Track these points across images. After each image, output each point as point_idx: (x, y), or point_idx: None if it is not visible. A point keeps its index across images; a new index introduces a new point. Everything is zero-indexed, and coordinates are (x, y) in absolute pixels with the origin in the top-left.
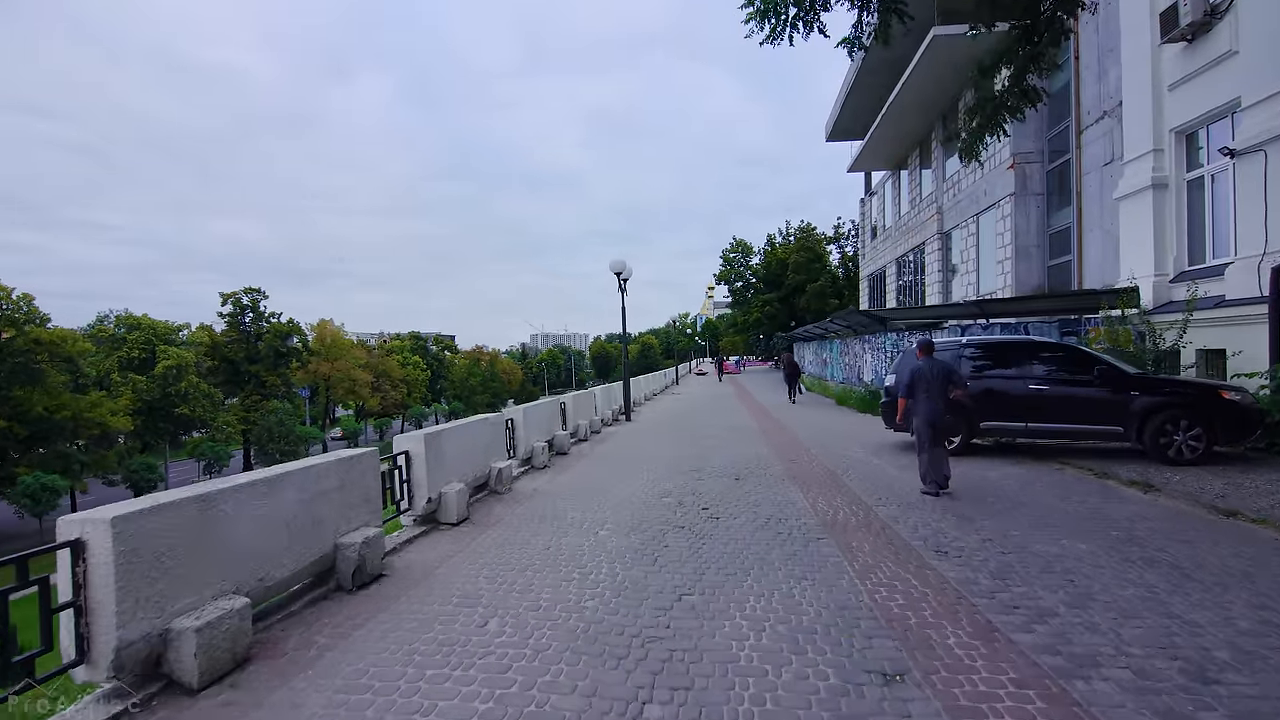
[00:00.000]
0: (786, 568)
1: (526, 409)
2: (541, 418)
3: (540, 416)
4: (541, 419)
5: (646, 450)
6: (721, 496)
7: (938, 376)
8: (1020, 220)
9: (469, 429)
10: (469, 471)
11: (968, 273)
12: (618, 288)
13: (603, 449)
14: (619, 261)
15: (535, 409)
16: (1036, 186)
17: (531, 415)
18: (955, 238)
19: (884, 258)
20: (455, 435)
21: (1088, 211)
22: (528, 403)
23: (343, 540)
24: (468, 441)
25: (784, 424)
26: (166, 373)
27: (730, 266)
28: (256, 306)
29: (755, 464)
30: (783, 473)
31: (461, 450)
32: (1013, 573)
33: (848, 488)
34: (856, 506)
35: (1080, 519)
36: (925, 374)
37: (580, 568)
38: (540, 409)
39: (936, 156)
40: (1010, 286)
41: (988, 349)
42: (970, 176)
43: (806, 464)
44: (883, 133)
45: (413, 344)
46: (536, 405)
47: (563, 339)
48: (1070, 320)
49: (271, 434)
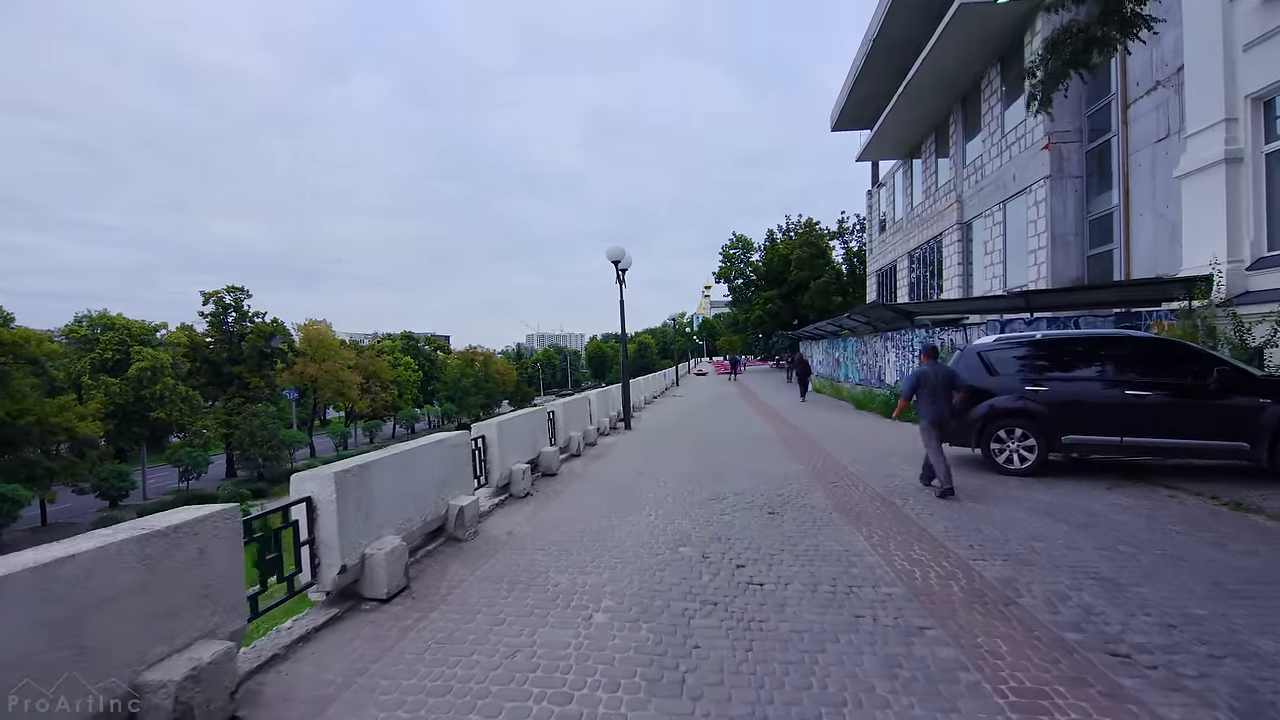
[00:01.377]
0: (897, 697)
1: (503, 423)
2: (523, 433)
3: (521, 432)
4: (523, 435)
5: (652, 468)
6: (758, 544)
7: (941, 380)
8: (1056, 206)
9: (414, 457)
10: (415, 515)
11: (993, 265)
12: (615, 279)
13: (599, 467)
14: (617, 249)
15: (514, 423)
16: (1074, 169)
17: (510, 431)
18: (978, 228)
19: (894, 252)
20: (390, 469)
21: (1136, 194)
22: (512, 412)
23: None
24: (413, 475)
25: (803, 431)
26: (141, 375)
27: (730, 263)
28: (240, 305)
29: (788, 487)
30: (826, 501)
31: (401, 488)
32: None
33: (918, 526)
34: (945, 560)
35: (1269, 579)
36: (929, 378)
37: (562, 700)
38: (521, 422)
39: (955, 141)
40: (1045, 278)
41: (1068, 346)
42: (995, 161)
43: (850, 487)
44: (896, 117)
45: (404, 344)
46: (517, 418)
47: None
48: (1128, 314)
49: (254, 438)
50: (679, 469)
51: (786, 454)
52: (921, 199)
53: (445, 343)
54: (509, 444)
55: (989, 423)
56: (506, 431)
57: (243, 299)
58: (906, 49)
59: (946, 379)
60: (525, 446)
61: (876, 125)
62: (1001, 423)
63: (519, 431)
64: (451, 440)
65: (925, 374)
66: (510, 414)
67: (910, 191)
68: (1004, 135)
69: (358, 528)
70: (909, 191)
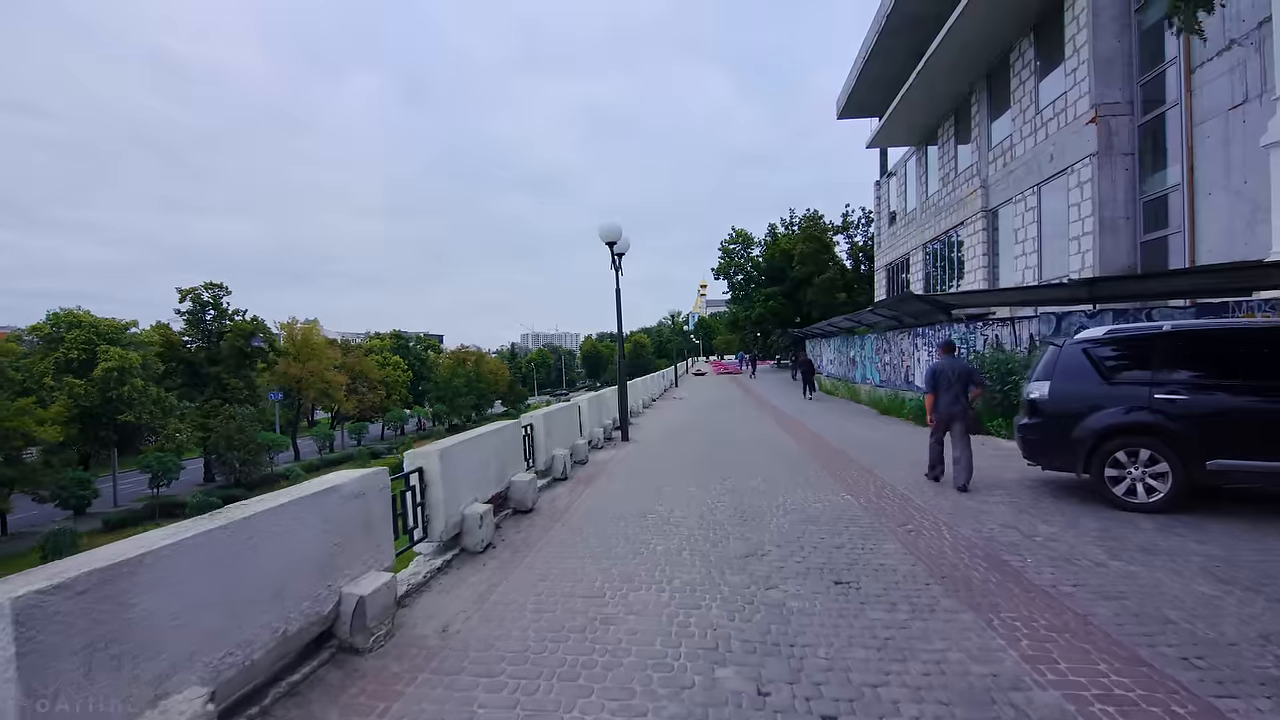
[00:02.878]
0: None
1: (449, 451)
2: (482, 460)
3: (479, 459)
4: (482, 462)
5: (659, 501)
6: (840, 655)
7: (958, 376)
8: (1105, 187)
9: (253, 530)
10: (260, 622)
11: (1025, 255)
12: (611, 264)
13: (590, 500)
14: (612, 227)
15: (468, 448)
16: (1125, 145)
17: (461, 461)
18: (1005, 215)
19: (906, 244)
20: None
21: (1203, 170)
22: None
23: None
24: (250, 563)
25: (830, 442)
26: (107, 375)
27: (729, 258)
28: (218, 303)
29: (846, 533)
30: (908, 559)
31: (219, 585)
32: None
33: (1061, 603)
34: (1166, 687)
35: None
36: (946, 372)
37: None
38: (479, 446)
39: (979, 122)
40: (1092, 268)
41: (1217, 341)
42: (1028, 141)
43: (930, 533)
44: (911, 98)
45: (393, 343)
46: (473, 440)
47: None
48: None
49: (230, 442)
50: (694, 502)
51: (825, 476)
52: (938, 187)
53: (437, 342)
54: (463, 478)
55: (1103, 441)
56: (456, 462)
57: (221, 296)
58: (923, 25)
59: (963, 374)
60: (487, 479)
61: (889, 109)
62: (1120, 441)
63: (475, 459)
64: (345, 490)
65: (942, 369)
66: (465, 435)
67: (925, 180)
68: (1038, 112)
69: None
70: (923, 180)
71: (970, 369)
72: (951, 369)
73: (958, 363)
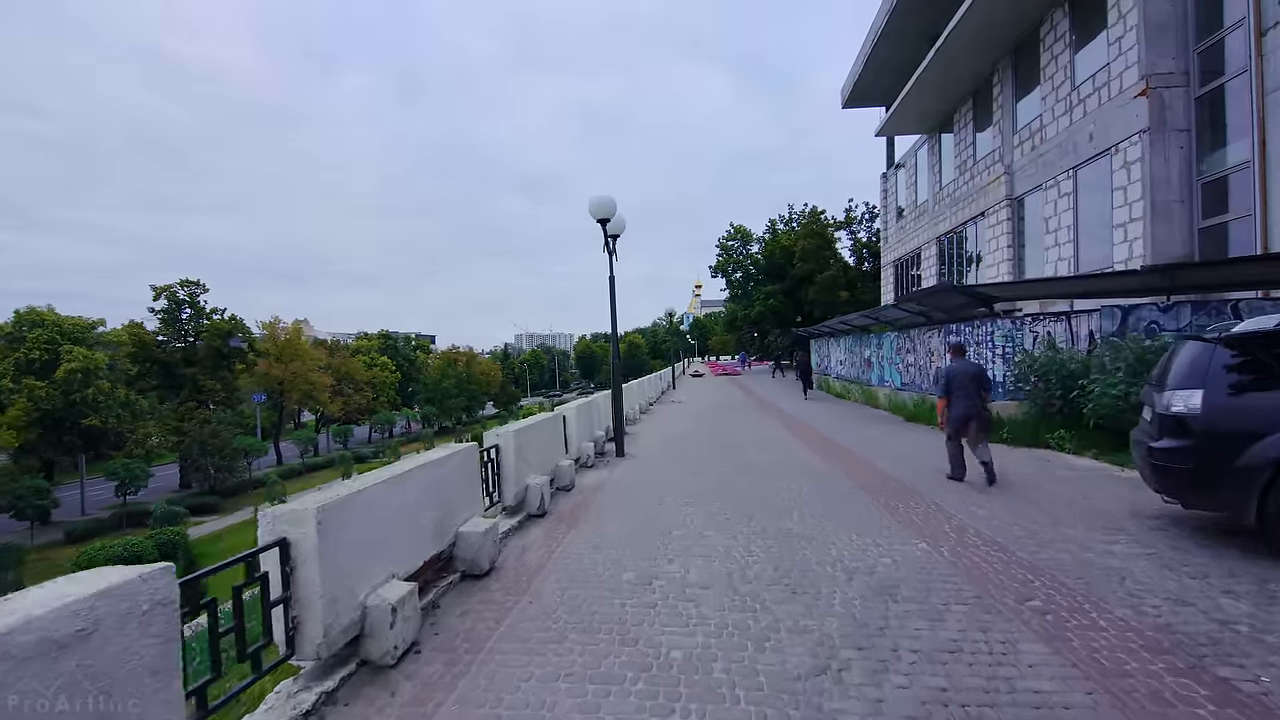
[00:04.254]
0: None
1: (327, 511)
2: (404, 513)
3: (395, 512)
4: (407, 515)
5: (665, 551)
6: None
7: (971, 378)
8: (1157, 167)
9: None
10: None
11: (1057, 245)
12: (603, 247)
13: (571, 554)
14: (604, 201)
15: (385, 495)
16: (1180, 120)
17: (368, 517)
18: (1033, 204)
19: (917, 239)
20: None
21: (1277, 145)
22: (386, 472)
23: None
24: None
25: (862, 456)
26: (70, 377)
27: (728, 255)
28: (195, 301)
29: (954, 619)
30: (1077, 680)
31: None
32: None
33: None
34: None
35: None
36: (959, 375)
37: None
38: (400, 490)
39: (1002, 103)
40: (1142, 257)
41: None
42: (1061, 120)
43: (1076, 613)
44: (927, 80)
45: (381, 343)
46: (396, 481)
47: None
48: None
49: (204, 447)
50: (716, 557)
51: (878, 511)
52: (954, 176)
53: (429, 342)
54: (364, 544)
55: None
56: (357, 518)
57: (198, 294)
58: (939, 1)
59: (976, 376)
60: (416, 534)
61: (900, 94)
62: None
63: (390, 510)
64: None
65: (955, 372)
66: (385, 473)
67: (938, 170)
68: (1074, 88)
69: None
70: (936, 170)
71: (982, 371)
72: (964, 371)
73: (970, 365)
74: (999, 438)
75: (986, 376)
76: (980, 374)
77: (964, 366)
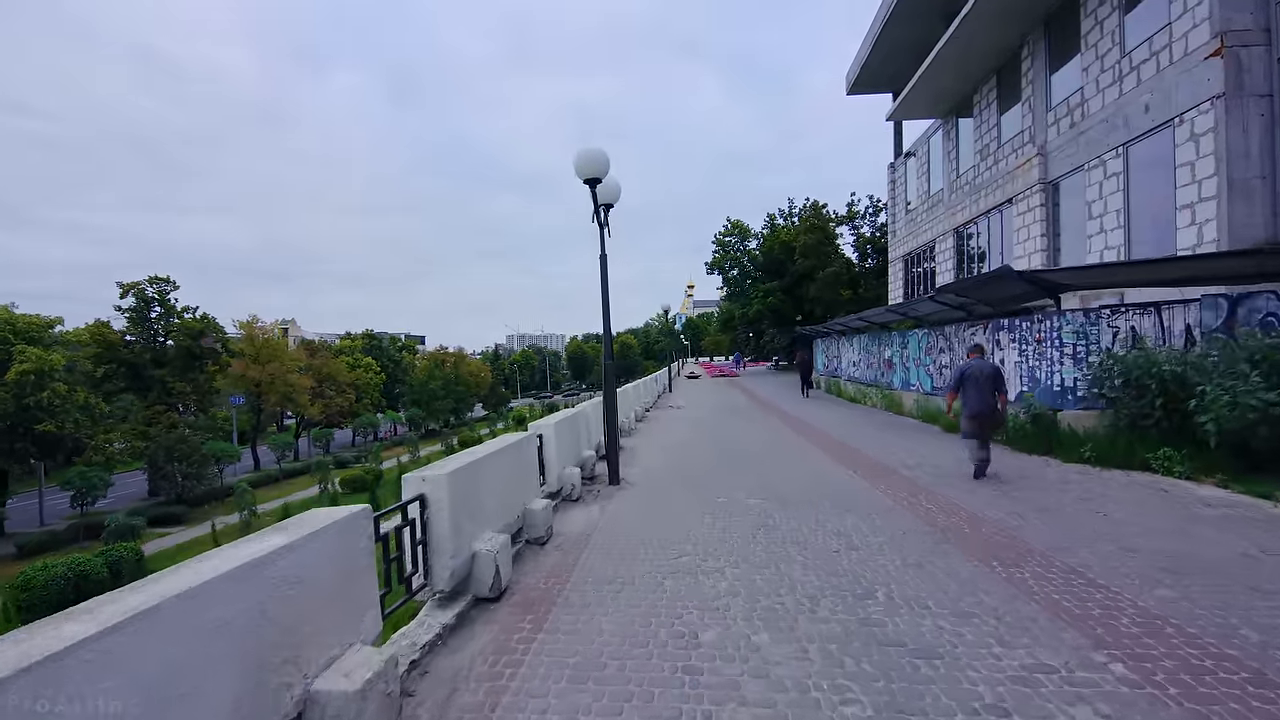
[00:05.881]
0: None
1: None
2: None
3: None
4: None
5: (692, 677)
6: None
7: (986, 377)
8: (1234, 138)
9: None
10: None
11: (1103, 232)
12: (593, 217)
13: (533, 685)
14: (592, 155)
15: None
16: (1259, 84)
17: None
18: (1071, 187)
19: (931, 231)
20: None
21: None
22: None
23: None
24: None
25: (905, 476)
26: (22, 379)
27: (725, 251)
28: (164, 299)
29: None
30: None
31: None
32: None
33: None
34: None
35: None
36: (974, 373)
37: None
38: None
39: (1033, 79)
40: (1216, 242)
41: None
42: (1108, 92)
43: None
44: (947, 55)
45: (366, 343)
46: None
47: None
48: None
49: (171, 453)
50: (783, 691)
51: (975, 570)
52: (974, 162)
53: (416, 343)
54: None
55: None
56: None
57: (168, 291)
58: None
59: (992, 376)
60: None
61: (915, 75)
62: None
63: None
64: None
65: (970, 369)
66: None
67: (954, 157)
68: (1124, 54)
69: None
70: (952, 157)
71: (998, 371)
72: (980, 371)
73: (986, 365)
74: (1080, 456)
75: (1002, 377)
76: (996, 374)
77: (980, 365)
